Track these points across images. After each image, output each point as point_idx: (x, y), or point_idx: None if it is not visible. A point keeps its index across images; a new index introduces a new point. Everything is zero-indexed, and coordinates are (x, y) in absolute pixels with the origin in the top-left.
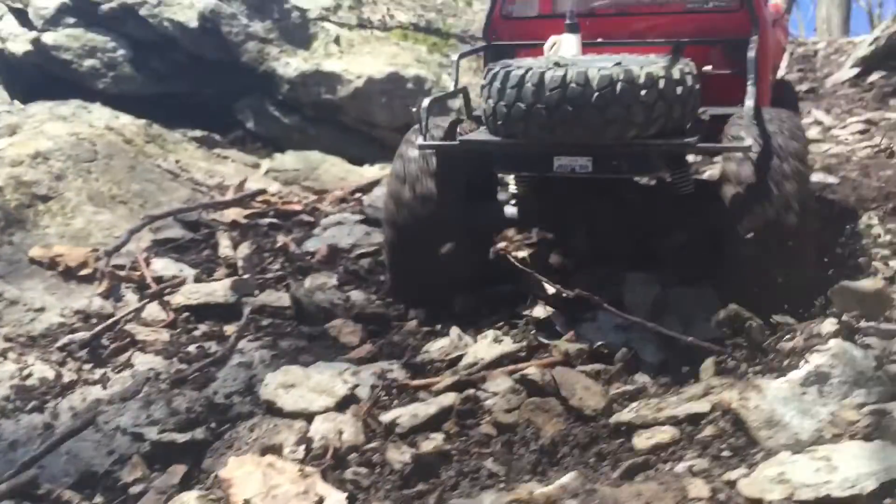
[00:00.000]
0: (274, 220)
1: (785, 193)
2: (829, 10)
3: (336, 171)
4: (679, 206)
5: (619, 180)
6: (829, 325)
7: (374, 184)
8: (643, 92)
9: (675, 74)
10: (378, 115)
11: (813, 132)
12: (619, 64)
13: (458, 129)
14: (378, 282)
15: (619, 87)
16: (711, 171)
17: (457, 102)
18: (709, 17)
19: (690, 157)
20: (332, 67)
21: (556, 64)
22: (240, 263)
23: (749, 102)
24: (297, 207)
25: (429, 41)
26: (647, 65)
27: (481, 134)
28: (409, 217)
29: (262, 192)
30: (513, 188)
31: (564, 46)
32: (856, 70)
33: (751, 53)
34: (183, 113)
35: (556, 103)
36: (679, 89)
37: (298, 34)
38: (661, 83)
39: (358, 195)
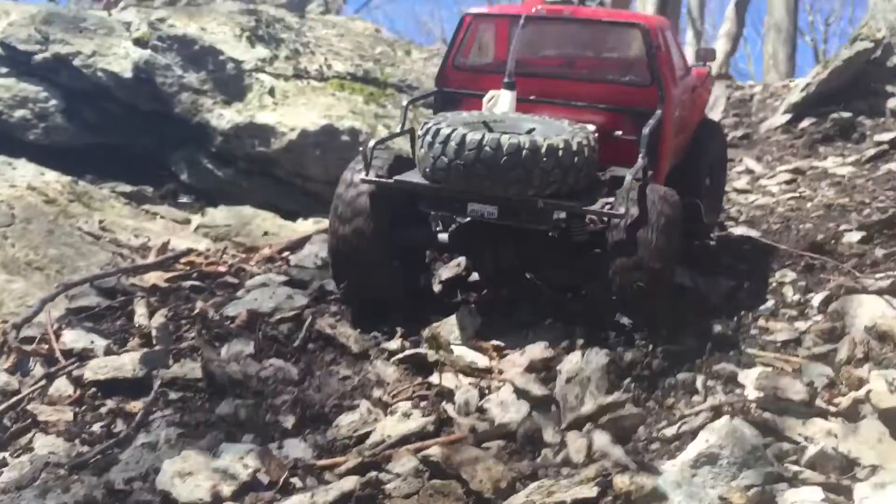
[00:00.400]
0: (197, 283)
1: (647, 253)
2: (774, 46)
3: (268, 227)
4: (571, 249)
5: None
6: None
7: (304, 241)
8: (544, 160)
9: (573, 147)
10: (312, 168)
11: (742, 182)
12: (529, 132)
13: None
14: (295, 348)
15: (523, 154)
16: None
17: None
18: (625, 89)
19: None
20: (266, 119)
21: (485, 125)
22: (154, 333)
23: (628, 178)
24: (222, 269)
25: (366, 91)
26: (552, 136)
27: (413, 175)
28: (346, 232)
29: (186, 253)
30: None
31: (500, 101)
32: (788, 116)
33: (645, 130)
34: (115, 165)
35: (472, 161)
36: (575, 159)
37: (233, 85)
38: (560, 153)
39: (286, 254)
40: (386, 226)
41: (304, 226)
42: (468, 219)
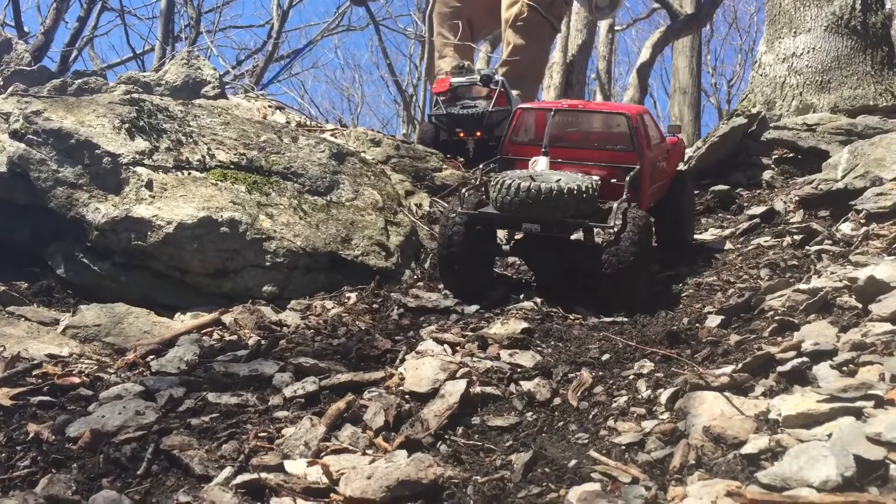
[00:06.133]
0: (47, 398)
1: (626, 248)
2: (681, 108)
3: (141, 325)
4: (587, 250)
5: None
6: None
7: (172, 343)
8: (565, 196)
9: (583, 188)
10: (190, 261)
11: None
12: (558, 181)
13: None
14: (139, 475)
15: (553, 193)
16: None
17: None
18: (618, 153)
19: None
20: (143, 213)
21: (530, 177)
22: None
23: (614, 204)
24: (76, 380)
25: (249, 180)
26: (570, 182)
27: (489, 208)
28: (447, 244)
29: (39, 364)
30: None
31: (539, 164)
32: None
33: (627, 178)
34: None
35: (524, 198)
36: (584, 195)
37: (109, 179)
38: (574, 192)
39: (150, 358)
40: (471, 240)
41: (183, 320)
42: (522, 234)
